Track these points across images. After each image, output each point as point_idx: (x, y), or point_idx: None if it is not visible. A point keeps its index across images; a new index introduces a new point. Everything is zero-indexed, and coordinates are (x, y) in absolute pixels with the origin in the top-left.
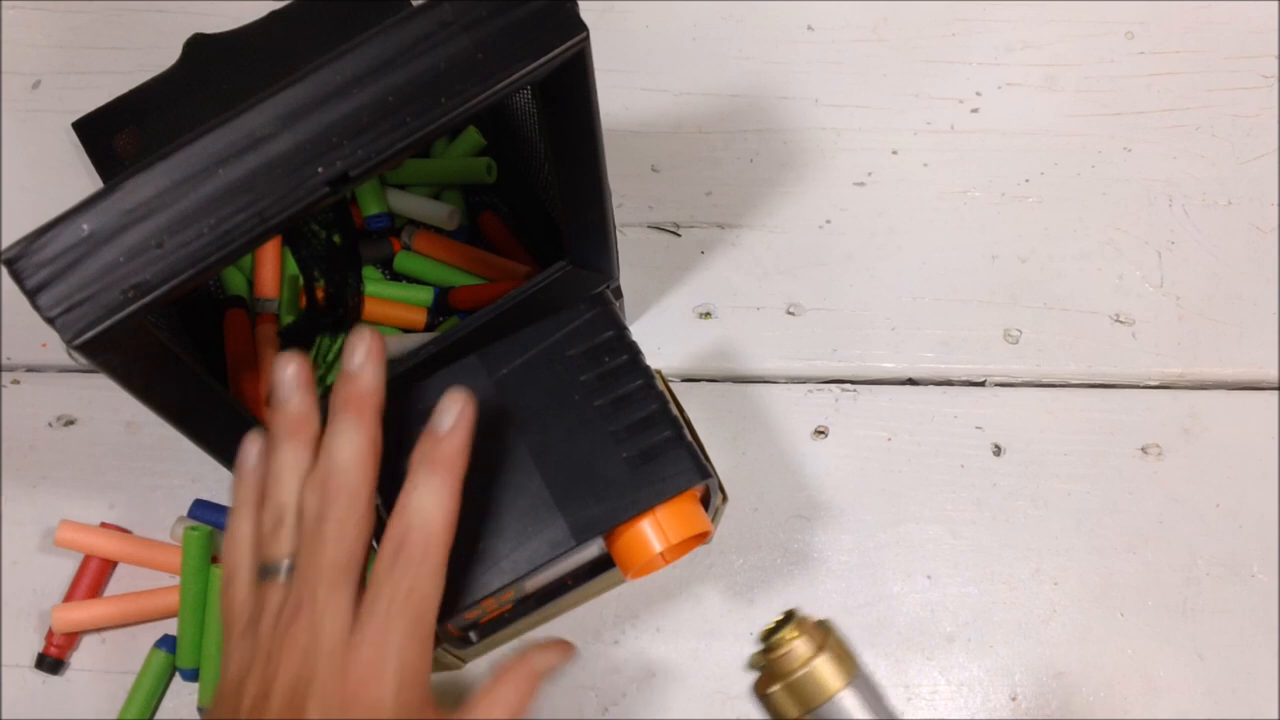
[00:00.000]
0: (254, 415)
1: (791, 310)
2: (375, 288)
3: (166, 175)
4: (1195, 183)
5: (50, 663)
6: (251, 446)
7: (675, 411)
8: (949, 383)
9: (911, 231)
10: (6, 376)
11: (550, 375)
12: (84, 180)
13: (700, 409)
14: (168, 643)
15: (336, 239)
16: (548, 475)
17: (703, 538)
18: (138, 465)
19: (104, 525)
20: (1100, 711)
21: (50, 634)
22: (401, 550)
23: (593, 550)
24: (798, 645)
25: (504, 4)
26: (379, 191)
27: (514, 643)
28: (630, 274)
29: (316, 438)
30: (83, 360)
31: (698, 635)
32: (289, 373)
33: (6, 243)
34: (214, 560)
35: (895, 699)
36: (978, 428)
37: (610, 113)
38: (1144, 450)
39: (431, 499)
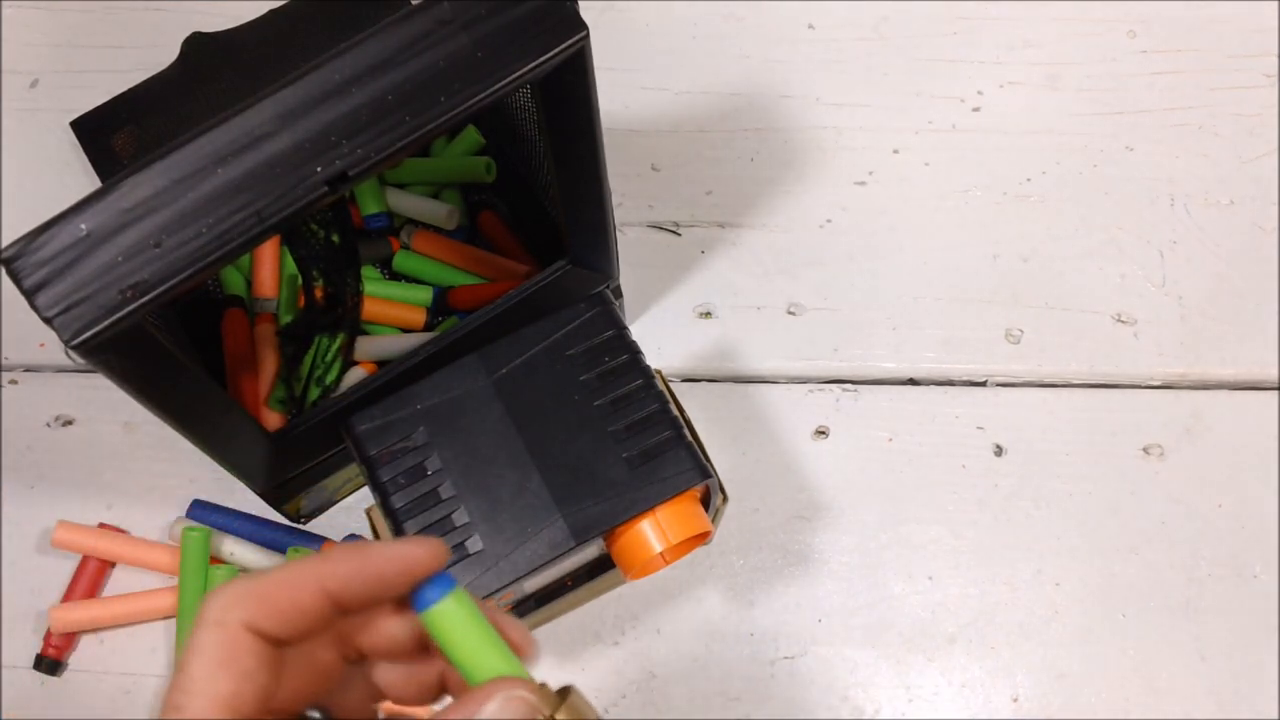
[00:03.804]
0: (253, 415)
1: (792, 310)
2: (374, 287)
3: (165, 175)
4: (1197, 182)
5: (48, 663)
6: None
7: (675, 411)
8: (950, 383)
9: (913, 231)
10: (4, 376)
11: (550, 375)
12: (82, 180)
13: (700, 409)
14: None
15: (335, 238)
16: (548, 475)
17: (703, 538)
18: (136, 466)
19: (102, 526)
20: (1102, 712)
21: (48, 635)
22: None
23: (593, 550)
24: None
25: (503, 3)
26: (378, 191)
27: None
28: (630, 274)
29: None
30: (81, 360)
31: (698, 636)
32: None
33: (5, 242)
34: (212, 561)
35: (896, 700)
36: (979, 428)
37: (610, 112)
38: (1146, 450)
39: None
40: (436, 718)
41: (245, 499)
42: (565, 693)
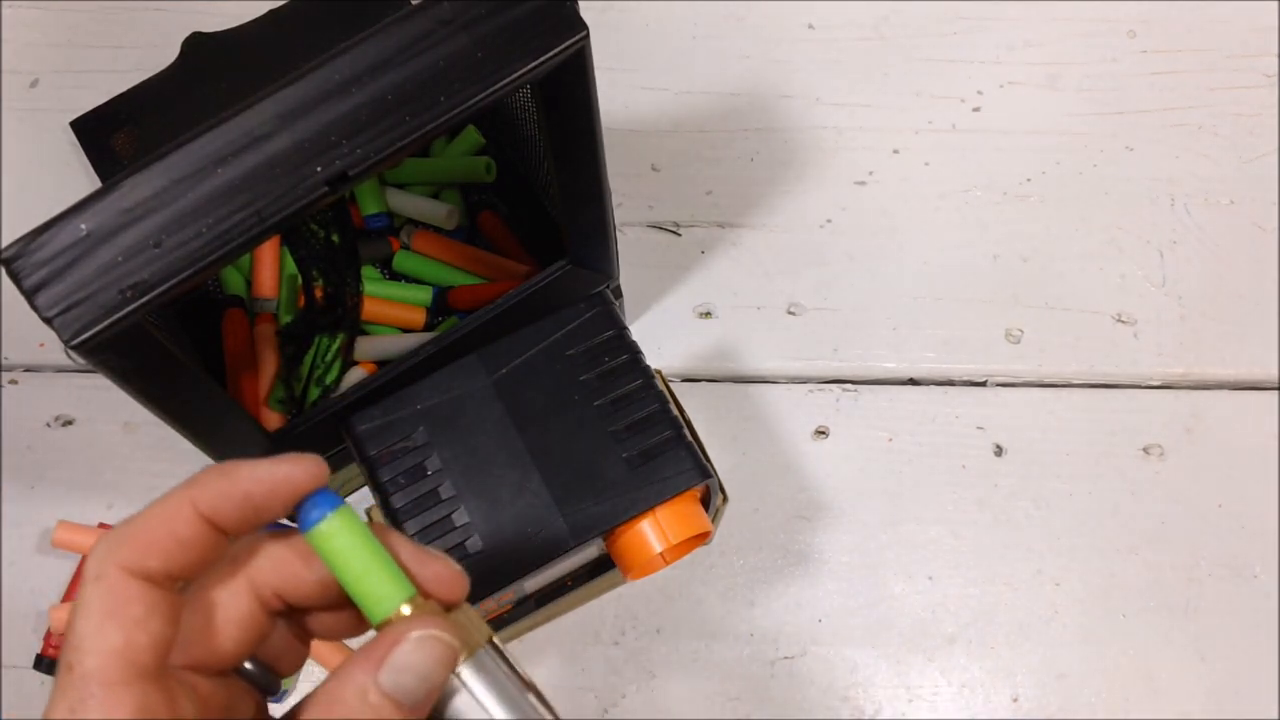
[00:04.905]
0: (252, 415)
1: (792, 310)
2: (374, 287)
3: (165, 175)
4: (1197, 182)
5: (48, 663)
6: None
7: (675, 411)
8: (950, 383)
9: (913, 231)
10: (4, 376)
11: (550, 375)
12: (82, 180)
13: (700, 409)
14: None
15: (335, 238)
16: (547, 475)
17: (703, 538)
18: (135, 465)
19: (102, 526)
20: (1101, 712)
21: (48, 635)
22: None
23: (593, 550)
24: None
25: (503, 3)
26: (378, 191)
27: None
28: (630, 274)
29: None
30: (81, 360)
31: (698, 636)
32: None
33: (5, 242)
34: None
35: (896, 700)
36: (979, 428)
37: (610, 112)
38: (1146, 450)
39: None
40: (344, 666)
41: None
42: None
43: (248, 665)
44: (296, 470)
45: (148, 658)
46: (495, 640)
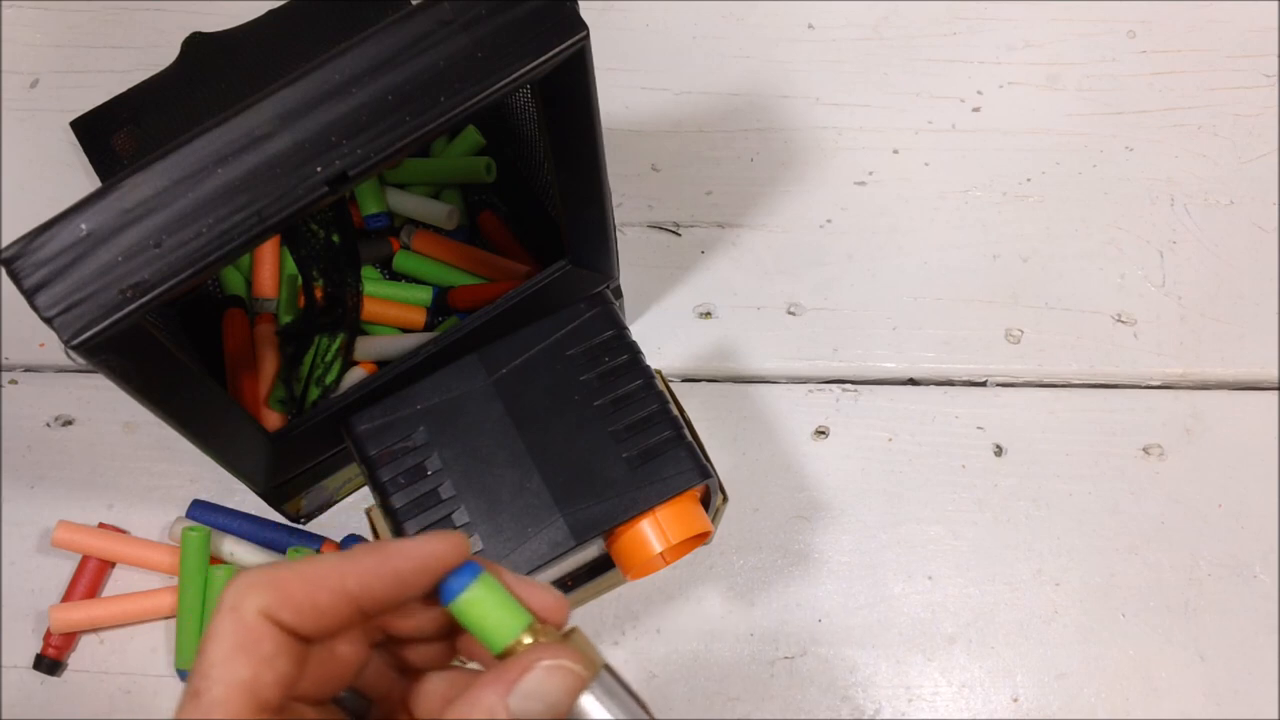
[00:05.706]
0: (252, 415)
1: (792, 310)
2: (374, 287)
3: (165, 175)
4: (1197, 182)
5: (48, 663)
6: None
7: (675, 411)
8: (950, 383)
9: (912, 231)
10: (4, 376)
11: (550, 375)
12: (82, 180)
13: (700, 409)
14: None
15: (335, 238)
16: (547, 475)
17: (703, 538)
18: (136, 465)
19: (102, 525)
20: (1102, 712)
21: (48, 634)
22: None
23: (593, 550)
24: None
25: (504, 3)
26: (378, 191)
27: None
28: (630, 274)
29: None
30: (81, 360)
31: (698, 636)
32: None
33: (5, 242)
34: (212, 561)
35: (896, 700)
36: (979, 428)
37: (610, 112)
38: (1146, 450)
39: None
40: (473, 688)
41: (245, 499)
42: (570, 635)
43: (343, 692)
44: (443, 547)
45: (272, 694)
46: (609, 665)
